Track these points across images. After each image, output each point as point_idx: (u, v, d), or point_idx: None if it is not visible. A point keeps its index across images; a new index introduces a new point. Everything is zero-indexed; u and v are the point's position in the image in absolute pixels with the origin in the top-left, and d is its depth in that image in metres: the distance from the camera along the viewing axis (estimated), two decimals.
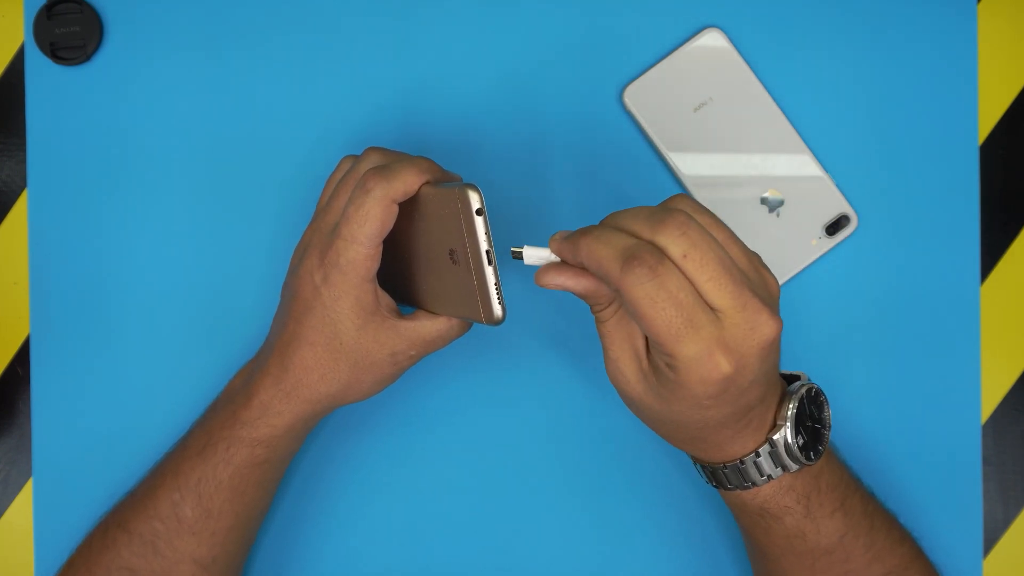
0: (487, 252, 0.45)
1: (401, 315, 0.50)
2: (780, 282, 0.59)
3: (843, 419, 0.59)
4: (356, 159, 0.51)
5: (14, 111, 0.59)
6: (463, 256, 0.46)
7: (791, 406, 0.46)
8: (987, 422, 0.59)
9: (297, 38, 0.59)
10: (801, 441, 0.46)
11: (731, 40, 0.59)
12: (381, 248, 0.48)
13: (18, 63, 0.59)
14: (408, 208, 0.48)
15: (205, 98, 0.59)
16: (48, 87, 0.59)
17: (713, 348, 0.41)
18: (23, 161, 0.59)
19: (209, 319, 0.59)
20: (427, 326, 0.50)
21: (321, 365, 0.50)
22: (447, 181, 0.49)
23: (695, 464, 0.50)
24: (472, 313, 0.47)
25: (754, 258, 0.45)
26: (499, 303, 0.46)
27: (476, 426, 0.59)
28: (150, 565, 0.51)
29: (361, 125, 0.59)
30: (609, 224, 0.43)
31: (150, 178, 0.59)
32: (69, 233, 0.59)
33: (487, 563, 0.59)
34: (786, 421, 0.46)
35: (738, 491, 0.48)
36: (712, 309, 0.41)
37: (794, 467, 0.46)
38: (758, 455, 0.46)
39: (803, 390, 0.47)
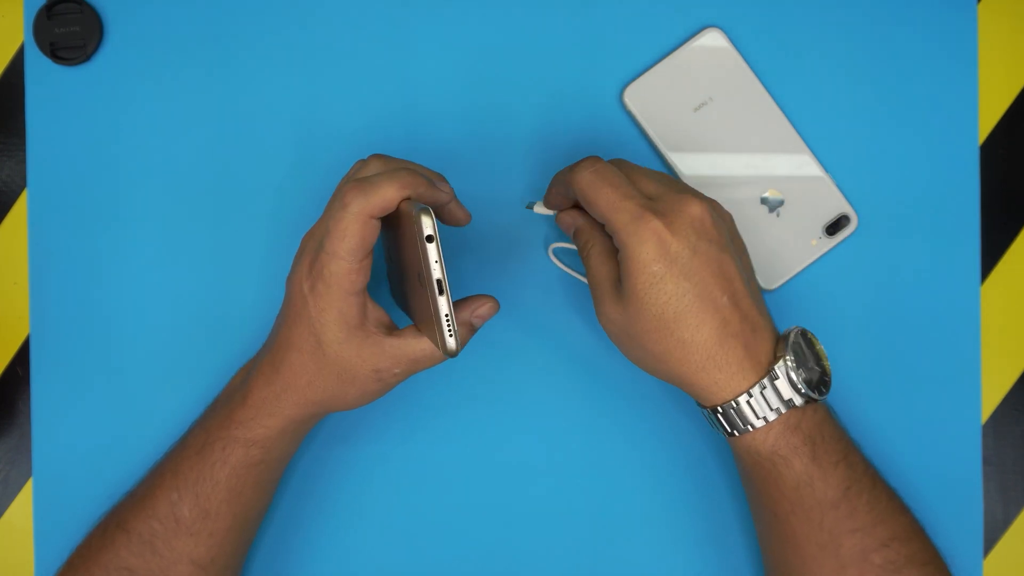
0: (438, 281, 0.44)
1: (391, 331, 0.50)
2: (780, 282, 0.59)
3: (843, 419, 0.58)
4: (361, 165, 0.51)
5: (14, 111, 0.59)
6: (426, 281, 0.45)
7: (790, 338, 0.49)
8: (987, 422, 0.59)
9: (297, 38, 0.59)
10: (804, 375, 0.49)
11: (731, 40, 0.59)
12: (368, 262, 0.47)
13: (18, 63, 0.59)
14: (396, 221, 0.48)
15: (205, 98, 0.59)
16: (48, 87, 0.59)
17: (643, 212, 0.48)
18: (23, 161, 0.59)
19: (208, 319, 0.59)
20: (412, 345, 0.49)
21: (308, 372, 0.50)
22: (433, 194, 0.48)
23: (703, 412, 0.51)
24: (435, 340, 0.46)
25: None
26: (450, 335, 0.45)
27: (475, 426, 0.59)
28: (148, 565, 0.51)
29: (361, 125, 0.59)
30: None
31: (150, 178, 0.59)
32: (69, 233, 0.59)
33: (486, 563, 0.59)
34: (787, 351, 0.49)
35: (749, 436, 0.49)
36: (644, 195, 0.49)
37: (799, 400, 0.48)
38: (764, 386, 0.48)
39: (796, 329, 0.50)
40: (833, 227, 0.59)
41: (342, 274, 0.47)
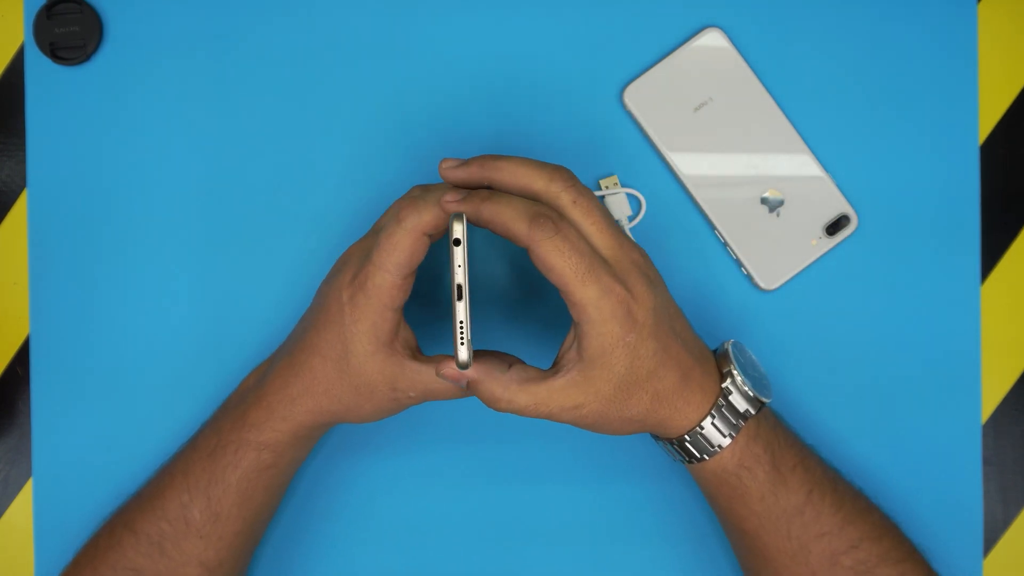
0: (459, 286, 0.44)
1: (416, 355, 0.50)
2: (780, 282, 0.59)
3: (843, 419, 0.59)
4: (424, 189, 0.50)
5: (14, 111, 0.59)
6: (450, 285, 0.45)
7: (730, 354, 0.50)
8: (987, 422, 0.59)
9: (296, 38, 0.59)
10: (750, 382, 0.50)
11: (731, 40, 0.59)
12: (411, 281, 0.48)
13: (18, 63, 0.59)
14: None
15: (205, 98, 0.59)
16: (48, 87, 0.59)
17: (611, 282, 0.46)
18: (23, 161, 0.59)
19: (208, 319, 0.59)
20: (431, 374, 0.49)
21: (327, 379, 0.50)
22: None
23: (662, 444, 0.51)
24: (454, 351, 0.46)
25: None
26: (461, 344, 0.45)
27: (477, 428, 0.59)
28: (156, 566, 0.51)
29: (360, 125, 0.59)
30: (502, 181, 0.48)
31: (150, 178, 0.59)
32: (69, 233, 0.59)
33: (489, 566, 0.59)
34: (731, 364, 0.50)
35: (717, 456, 0.49)
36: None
37: (753, 410, 0.49)
38: (720, 406, 0.49)
39: (729, 344, 0.51)
40: (833, 227, 0.59)
41: (385, 287, 0.47)
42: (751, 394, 0.50)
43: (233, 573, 0.53)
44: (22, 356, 0.59)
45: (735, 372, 0.50)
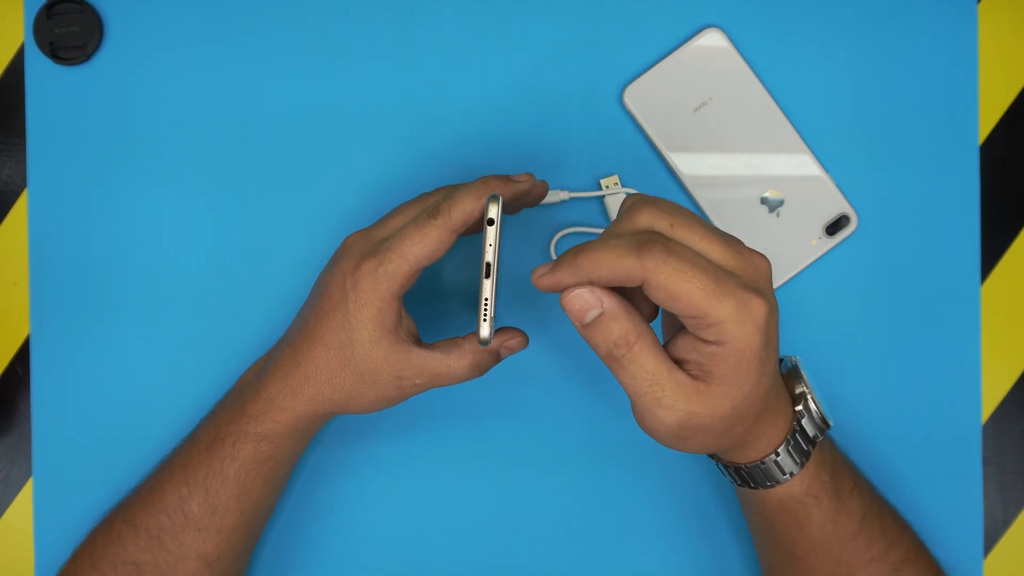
0: (487, 264, 0.45)
1: (419, 343, 0.50)
2: (780, 282, 0.59)
3: (843, 419, 0.59)
4: (439, 193, 0.51)
5: (14, 111, 0.59)
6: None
7: (802, 373, 0.47)
8: (987, 422, 0.59)
9: (297, 37, 0.59)
10: (823, 405, 0.48)
11: (731, 40, 0.59)
12: (418, 274, 0.48)
13: (18, 63, 0.59)
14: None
15: (205, 98, 0.59)
16: (48, 87, 0.59)
17: (745, 294, 0.41)
18: (23, 161, 0.59)
19: (208, 320, 0.59)
20: (438, 358, 0.50)
21: (330, 367, 0.50)
22: (511, 189, 0.49)
23: (722, 468, 0.49)
24: (476, 327, 0.47)
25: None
26: (484, 320, 0.45)
27: (476, 426, 0.59)
28: (155, 560, 0.51)
29: (361, 124, 0.59)
30: (599, 277, 0.42)
31: (150, 178, 0.59)
32: (69, 233, 0.59)
33: (488, 563, 0.59)
34: (804, 385, 0.47)
35: (786, 483, 0.47)
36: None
37: (821, 436, 0.47)
38: (795, 430, 0.46)
39: (797, 360, 0.48)
40: (833, 227, 0.59)
41: (397, 274, 0.47)
42: (824, 418, 0.47)
43: (232, 568, 0.53)
44: (22, 356, 0.59)
45: (809, 395, 0.47)
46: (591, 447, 0.59)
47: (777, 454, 0.46)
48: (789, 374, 0.49)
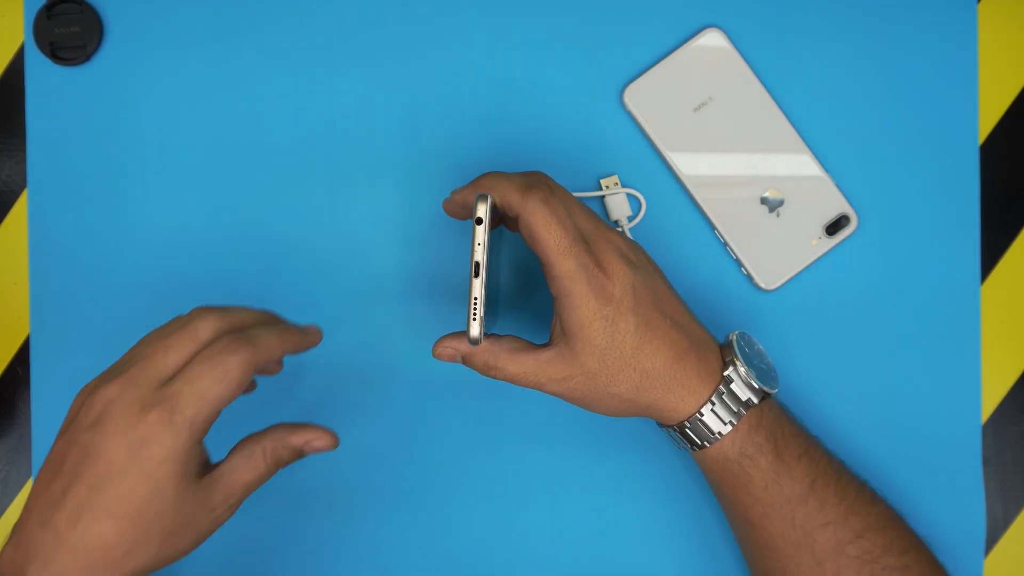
0: (476, 264, 0.45)
1: (212, 464, 0.46)
2: (780, 282, 0.59)
3: (843, 419, 0.59)
4: (187, 317, 0.46)
5: (14, 111, 0.59)
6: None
7: (734, 343, 0.51)
8: (987, 422, 0.59)
9: (297, 37, 0.59)
10: (754, 372, 0.51)
11: (731, 40, 0.59)
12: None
13: (18, 63, 0.59)
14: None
15: (205, 98, 0.59)
16: (48, 87, 0.59)
17: (587, 259, 0.48)
18: (23, 161, 0.59)
19: None
20: (241, 468, 0.45)
21: (126, 541, 0.42)
22: (304, 342, 0.48)
23: (670, 431, 0.52)
24: (467, 327, 0.47)
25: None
26: (474, 320, 0.46)
27: (476, 424, 0.59)
28: None
29: (361, 124, 0.59)
30: (494, 172, 0.50)
31: (150, 178, 0.59)
32: (69, 233, 0.59)
33: (489, 563, 0.59)
34: (734, 354, 0.51)
35: (718, 444, 0.50)
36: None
37: (756, 399, 0.50)
38: (722, 392, 0.50)
39: (735, 334, 0.52)
40: (833, 227, 0.59)
41: (199, 420, 0.43)
42: (755, 384, 0.50)
43: None
44: (22, 356, 0.59)
45: (738, 361, 0.50)
46: (591, 442, 0.59)
47: (701, 414, 0.50)
48: (724, 346, 0.52)
